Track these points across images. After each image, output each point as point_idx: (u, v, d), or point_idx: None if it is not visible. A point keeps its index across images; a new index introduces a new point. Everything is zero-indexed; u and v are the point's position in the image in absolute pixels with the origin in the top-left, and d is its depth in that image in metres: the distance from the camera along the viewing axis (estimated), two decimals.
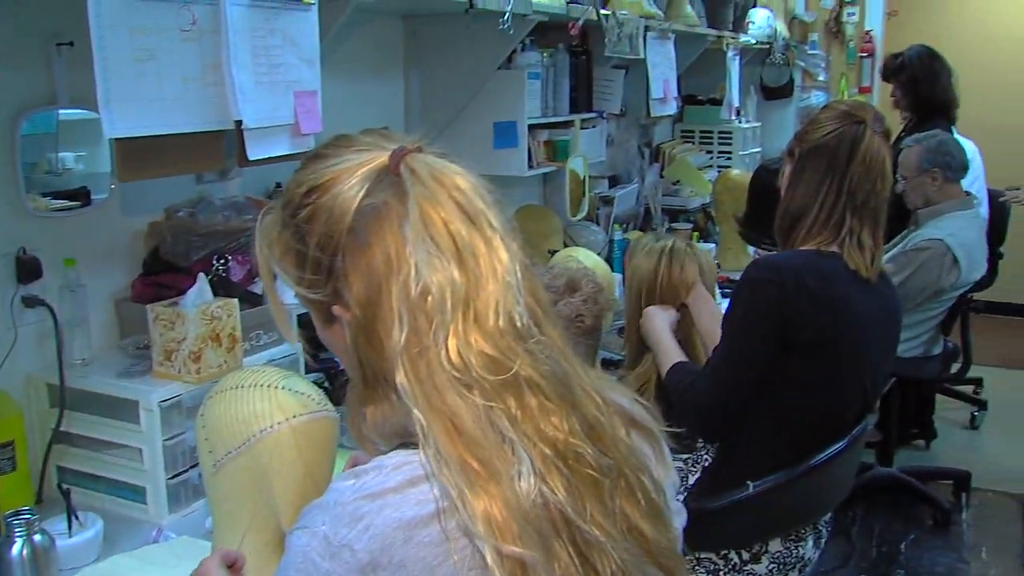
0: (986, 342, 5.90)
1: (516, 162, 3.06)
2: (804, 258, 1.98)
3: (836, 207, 1.99)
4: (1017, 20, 6.82)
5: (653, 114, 3.80)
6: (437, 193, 0.93)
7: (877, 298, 2.03)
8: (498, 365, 0.89)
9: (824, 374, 1.95)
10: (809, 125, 2.08)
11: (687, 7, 3.98)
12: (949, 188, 3.70)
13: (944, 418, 4.99)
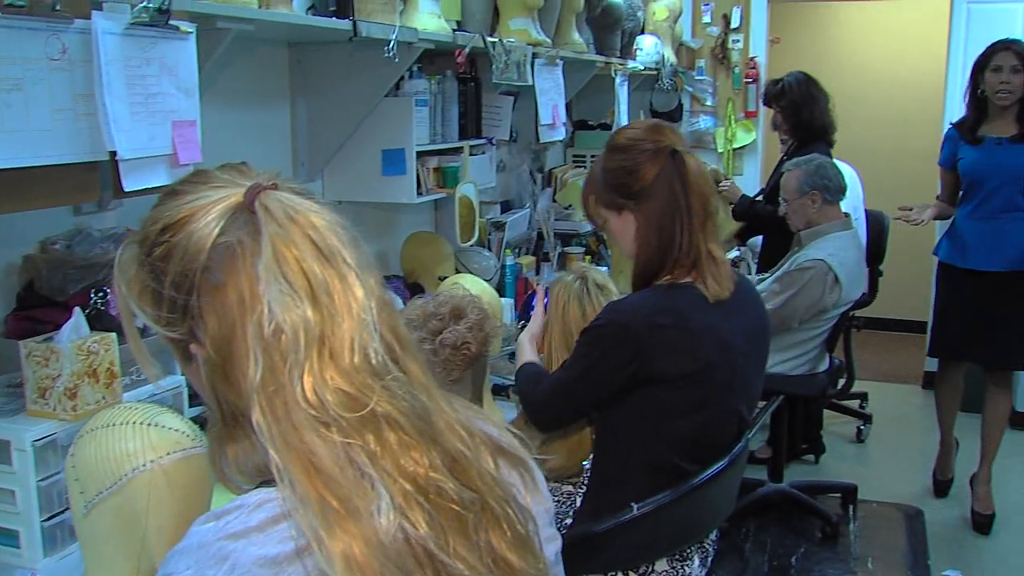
0: (870, 357, 6.13)
1: (405, 189, 3.07)
2: (657, 297, 2.00)
3: (690, 243, 2.01)
4: (891, 47, 7.11)
5: (542, 140, 3.85)
6: (291, 231, 0.93)
7: (740, 316, 2.07)
8: (355, 402, 0.89)
9: (697, 401, 2.00)
10: (627, 176, 2.04)
11: (575, 34, 4.05)
12: (829, 210, 3.83)
13: (832, 432, 5.14)
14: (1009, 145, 3.90)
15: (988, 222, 3.96)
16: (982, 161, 3.95)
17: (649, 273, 2.04)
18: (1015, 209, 3.92)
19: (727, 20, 6.04)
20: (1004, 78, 3.84)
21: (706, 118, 6.16)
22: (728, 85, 6.11)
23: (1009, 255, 3.93)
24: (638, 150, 2.04)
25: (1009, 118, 3.91)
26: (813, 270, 3.68)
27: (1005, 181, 3.92)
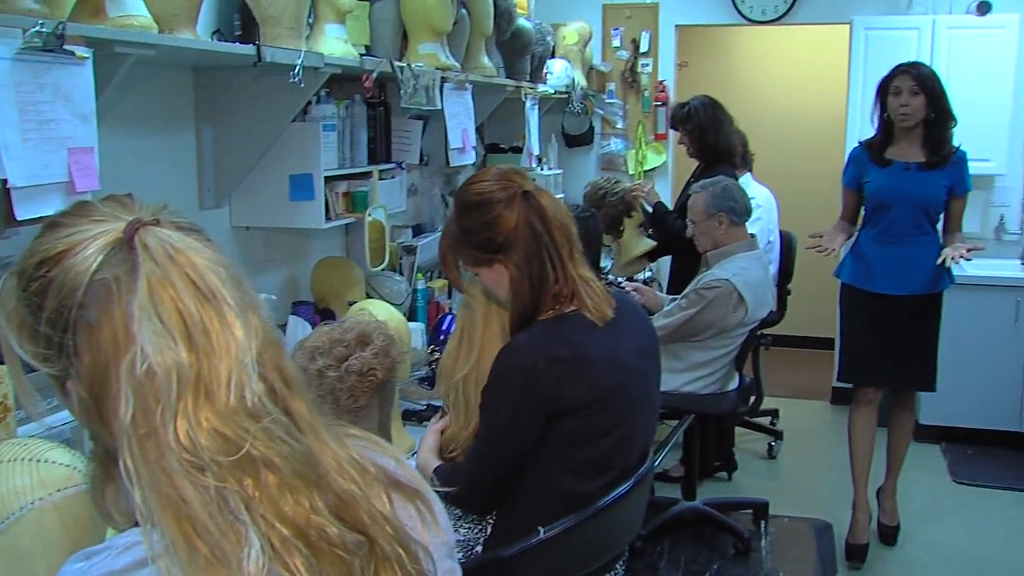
0: (780, 374, 6.24)
1: (313, 214, 3.04)
2: (548, 331, 2.01)
3: (564, 275, 2.03)
4: (796, 71, 7.31)
5: (452, 164, 3.86)
6: (168, 270, 0.92)
7: (629, 335, 2.10)
8: (231, 445, 0.88)
9: (601, 427, 2.02)
10: (488, 232, 2.03)
11: (484, 58, 4.08)
12: (735, 231, 3.91)
13: (744, 449, 5.23)
14: (917, 171, 3.91)
15: (896, 246, 3.96)
16: (890, 185, 3.95)
17: (527, 315, 2.04)
18: (922, 233, 3.94)
19: (636, 44, 6.14)
20: (903, 101, 3.88)
21: (617, 141, 6.26)
22: (638, 108, 6.21)
23: (917, 279, 3.94)
24: (492, 202, 2.03)
25: (916, 142, 3.94)
26: (718, 289, 3.75)
27: (913, 206, 3.93)
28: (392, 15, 3.43)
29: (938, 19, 5.51)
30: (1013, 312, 5.19)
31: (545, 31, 4.86)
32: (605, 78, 6.22)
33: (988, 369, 5.22)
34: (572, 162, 6.17)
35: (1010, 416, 5.24)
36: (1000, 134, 5.48)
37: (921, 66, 4.00)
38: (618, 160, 6.24)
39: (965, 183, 3.97)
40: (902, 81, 3.89)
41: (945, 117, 3.92)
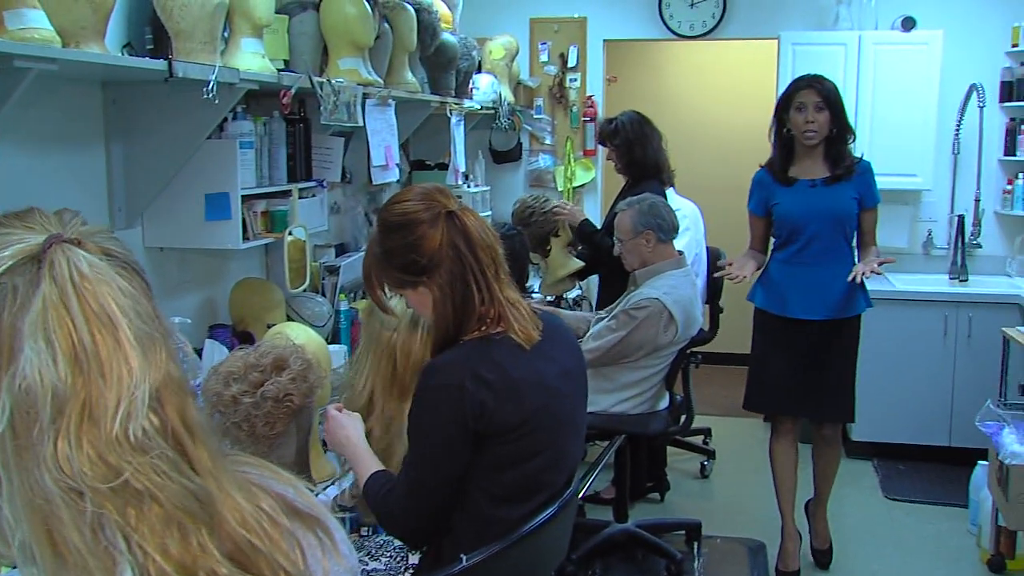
0: (713, 392, 6.33)
1: (230, 234, 3.02)
2: (475, 351, 2.00)
3: (489, 297, 2.02)
4: (725, 86, 7.44)
5: (375, 181, 3.86)
6: (67, 293, 0.92)
7: (556, 357, 2.11)
8: (112, 473, 0.88)
9: (527, 451, 2.02)
10: (411, 253, 2.02)
11: (408, 74, 4.09)
12: (662, 248, 3.96)
13: (677, 469, 5.28)
14: (823, 187, 3.87)
15: (808, 268, 3.91)
16: (798, 205, 3.90)
17: (450, 339, 2.03)
18: (836, 253, 3.90)
19: (564, 59, 6.20)
20: (809, 117, 3.81)
21: (545, 157, 6.30)
22: (566, 124, 6.26)
23: (831, 303, 3.89)
24: (415, 223, 2.02)
25: (818, 158, 3.89)
26: (648, 309, 3.79)
27: (824, 225, 3.88)
28: (312, 29, 3.43)
29: (864, 35, 5.66)
30: (941, 327, 5.33)
31: (471, 46, 4.88)
32: (533, 93, 6.27)
33: (918, 384, 5.35)
34: (500, 179, 6.21)
35: (940, 431, 5.36)
36: (926, 149, 5.64)
37: (824, 80, 3.91)
38: (547, 176, 6.29)
39: (874, 194, 3.95)
40: (807, 96, 3.83)
41: (845, 131, 3.90)
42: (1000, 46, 5.70)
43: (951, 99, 5.71)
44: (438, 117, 4.71)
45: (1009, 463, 3.73)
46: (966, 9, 5.75)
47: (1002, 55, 5.72)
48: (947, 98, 5.69)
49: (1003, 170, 5.81)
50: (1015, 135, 5.65)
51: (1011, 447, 3.75)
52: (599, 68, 6.26)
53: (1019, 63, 5.66)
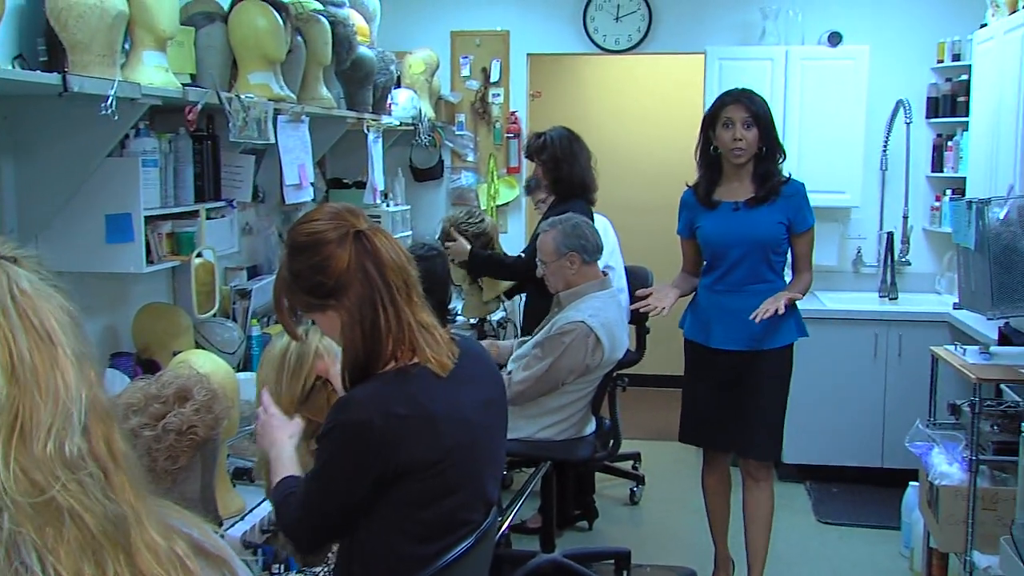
0: (642, 416, 6.37)
1: (133, 257, 2.96)
2: (389, 385, 1.99)
3: (399, 321, 2.01)
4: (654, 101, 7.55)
5: (288, 201, 3.83)
6: (8, 307, 0.95)
7: (474, 385, 2.11)
8: (36, 488, 0.90)
9: (444, 488, 2.01)
10: (318, 275, 2.00)
11: (322, 89, 4.06)
12: (587, 270, 3.97)
13: (605, 496, 5.30)
14: (747, 209, 3.77)
15: (731, 296, 3.82)
16: (720, 229, 3.81)
17: (362, 365, 2.01)
18: (762, 280, 3.80)
19: (487, 74, 6.23)
20: (737, 134, 3.71)
21: (468, 174, 6.32)
22: (489, 140, 6.28)
23: (754, 332, 3.76)
24: (322, 243, 2.00)
25: (745, 179, 3.79)
26: (574, 332, 3.80)
27: (747, 250, 3.78)
28: (220, 42, 3.39)
29: (791, 50, 5.79)
30: (872, 346, 5.44)
31: (388, 60, 4.87)
32: (454, 109, 6.28)
33: (849, 405, 5.45)
34: (421, 197, 6.20)
35: (872, 452, 5.47)
36: (854, 165, 5.77)
37: (753, 95, 3.82)
38: (469, 195, 6.30)
39: (805, 217, 3.82)
40: (734, 112, 3.73)
41: (775, 150, 3.82)
42: (926, 62, 5.87)
43: (878, 115, 5.87)
44: (355, 134, 4.69)
45: (938, 484, 3.81)
46: (892, 25, 5.91)
47: (928, 71, 5.89)
48: (874, 114, 5.84)
49: (931, 186, 5.97)
50: (942, 151, 5.82)
51: (940, 468, 3.83)
52: (522, 83, 6.30)
53: (945, 79, 5.82)
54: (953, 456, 3.84)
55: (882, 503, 5.12)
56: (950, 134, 5.77)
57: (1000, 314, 3.81)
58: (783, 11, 5.87)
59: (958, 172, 5.59)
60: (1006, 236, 3.71)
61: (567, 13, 6.17)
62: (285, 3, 3.61)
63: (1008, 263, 3.71)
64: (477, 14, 6.23)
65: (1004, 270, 3.71)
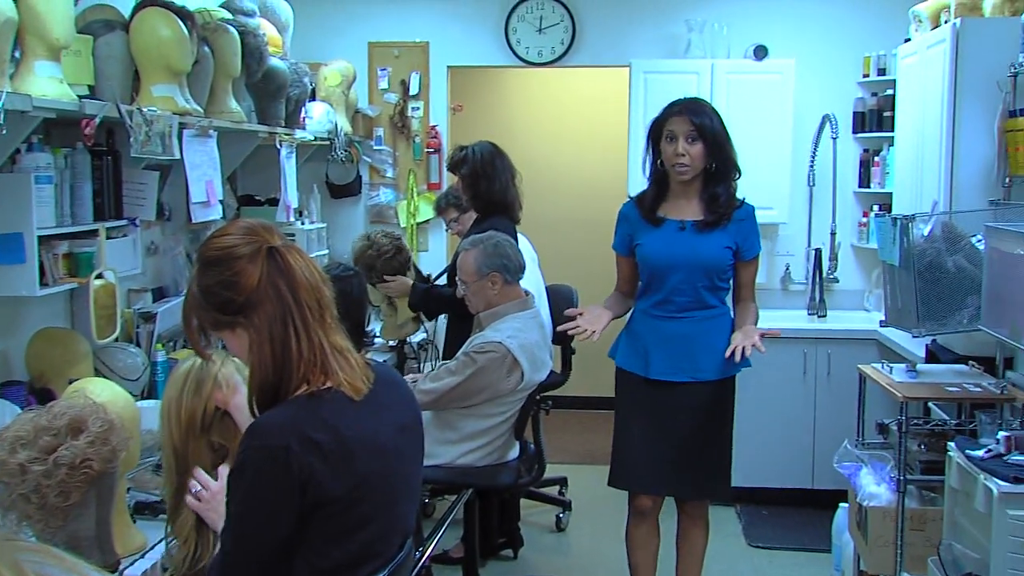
0: (569, 439, 6.38)
1: (25, 280, 2.90)
2: (303, 409, 1.96)
3: (311, 344, 1.98)
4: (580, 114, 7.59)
5: (195, 219, 3.77)
6: None
7: (389, 410, 2.09)
8: None
9: (360, 519, 1.98)
10: (227, 290, 1.97)
11: (231, 102, 4.02)
12: (509, 290, 3.97)
13: (531, 523, 5.29)
14: (693, 232, 3.61)
15: (675, 323, 3.64)
16: (663, 248, 3.62)
17: (271, 388, 1.98)
18: (705, 307, 3.64)
19: (406, 87, 6.22)
20: (679, 149, 3.54)
21: (387, 191, 6.30)
22: (409, 155, 6.27)
23: (701, 363, 3.63)
24: (233, 258, 1.98)
25: (692, 198, 3.64)
26: (489, 353, 3.79)
27: (691, 274, 3.61)
28: (120, 52, 3.33)
29: (717, 63, 5.87)
30: (801, 364, 5.51)
31: (302, 72, 4.84)
32: (372, 123, 6.26)
33: (779, 424, 5.51)
34: (337, 215, 6.16)
35: (803, 473, 5.54)
36: (781, 181, 5.86)
37: (700, 104, 3.67)
38: (388, 212, 6.28)
39: (753, 244, 3.70)
40: (678, 124, 3.56)
41: (728, 168, 3.64)
42: (852, 76, 5.99)
43: (805, 130, 5.97)
44: (267, 149, 4.64)
45: (867, 505, 3.86)
46: (818, 39, 6.03)
47: (854, 85, 6.01)
48: (801, 129, 5.95)
49: (858, 202, 6.08)
50: (869, 166, 5.93)
51: (868, 488, 3.88)
52: (443, 96, 6.30)
53: (871, 93, 5.95)
54: (881, 476, 3.89)
55: (813, 525, 5.18)
56: (876, 149, 5.89)
57: (926, 331, 3.89)
58: (708, 24, 5.95)
59: (885, 188, 5.71)
60: (931, 253, 3.79)
61: (489, 25, 6.19)
62: (191, 12, 3.57)
63: (933, 280, 3.79)
64: (396, 25, 6.22)
65: (929, 287, 3.79)
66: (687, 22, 5.97)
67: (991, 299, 3.50)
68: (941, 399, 3.85)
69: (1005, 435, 3.25)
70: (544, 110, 7.71)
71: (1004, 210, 3.93)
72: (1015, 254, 3.23)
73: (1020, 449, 3.22)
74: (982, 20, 4.43)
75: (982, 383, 3.81)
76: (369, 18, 6.21)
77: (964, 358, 4.13)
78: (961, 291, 3.80)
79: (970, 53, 4.31)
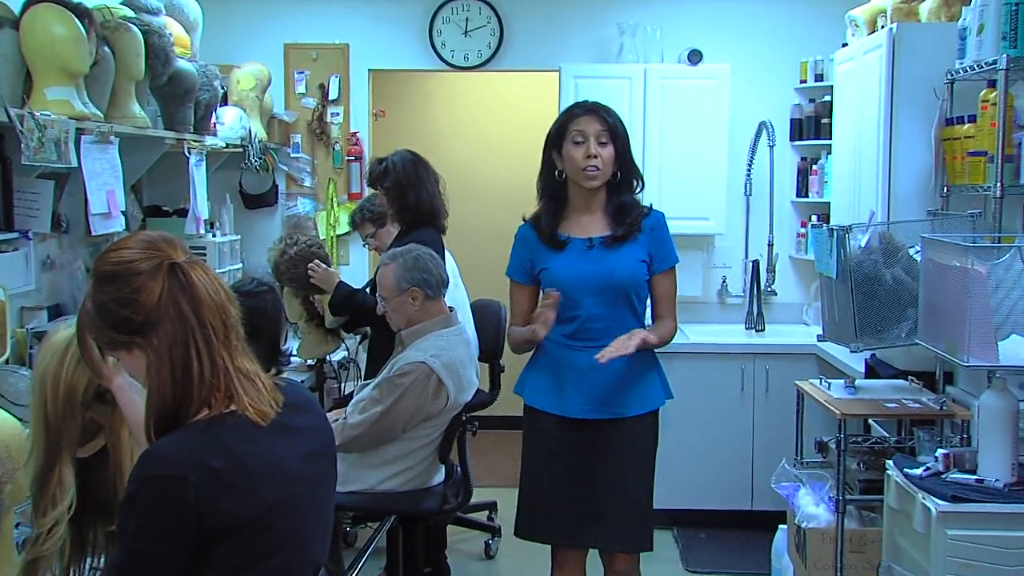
0: (498, 461, 6.36)
1: None
2: (201, 435, 1.91)
3: (214, 366, 1.94)
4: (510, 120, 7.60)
5: (95, 232, 3.70)
6: None
7: (299, 436, 2.06)
8: None
9: (265, 550, 1.95)
10: (124, 308, 1.92)
11: (134, 106, 3.95)
12: (431, 306, 3.94)
13: (458, 551, 5.26)
14: (602, 248, 3.41)
15: (588, 352, 3.32)
16: (570, 272, 3.41)
17: (170, 412, 1.93)
18: (621, 332, 3.33)
19: (324, 91, 6.19)
20: (591, 150, 3.34)
21: (305, 201, 6.26)
22: (328, 164, 6.23)
23: (620, 397, 3.43)
24: (132, 274, 1.94)
25: (597, 211, 3.45)
26: (414, 374, 3.77)
27: (606, 296, 3.40)
28: (10, 51, 3.27)
29: (650, 68, 5.91)
30: (739, 380, 5.56)
31: (212, 74, 4.78)
32: (289, 129, 6.22)
33: (716, 443, 5.55)
34: (252, 226, 6.09)
35: (741, 494, 5.58)
36: (717, 190, 5.91)
37: (607, 107, 3.49)
38: (307, 223, 6.23)
39: (668, 254, 3.50)
40: (588, 125, 3.38)
41: (631, 177, 3.49)
42: (789, 82, 6.08)
43: (741, 137, 6.04)
44: (175, 156, 4.59)
45: (806, 526, 3.89)
46: (754, 43, 6.10)
47: (791, 91, 6.09)
48: (737, 136, 6.02)
49: (796, 212, 6.16)
50: (807, 175, 6.01)
51: (807, 509, 3.92)
52: (364, 101, 6.27)
53: (808, 100, 6.03)
54: (820, 496, 3.93)
55: (752, 548, 5.21)
56: (815, 157, 5.97)
57: (864, 346, 3.94)
58: (641, 27, 5.99)
59: (823, 197, 5.79)
60: (868, 265, 3.84)
61: (412, 26, 6.18)
62: (88, 9, 3.50)
63: (871, 292, 3.84)
64: (314, 26, 6.18)
65: (867, 300, 3.84)
66: (619, 25, 6.01)
67: (928, 312, 3.55)
68: (880, 415, 3.89)
69: (944, 452, 3.30)
70: (471, 116, 7.72)
71: (942, 220, 4.00)
72: (951, 266, 3.28)
73: (959, 467, 3.27)
74: (918, 25, 4.51)
75: (921, 399, 3.87)
76: (285, 18, 6.16)
77: (904, 373, 4.19)
78: (899, 304, 3.86)
79: (906, 59, 4.39)
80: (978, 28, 3.71)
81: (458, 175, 5.83)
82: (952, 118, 4.01)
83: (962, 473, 3.22)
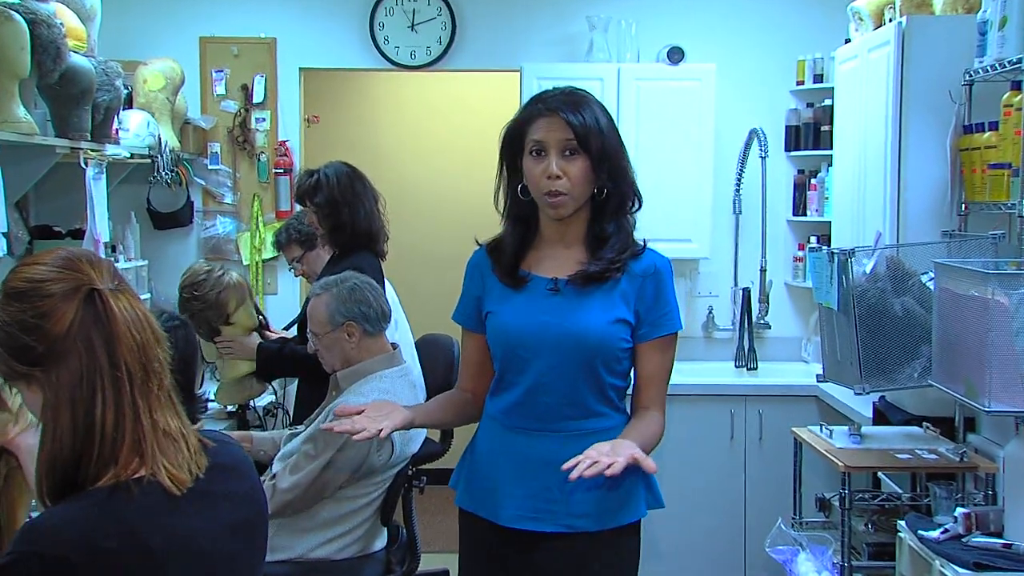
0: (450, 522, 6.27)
1: None
2: (99, 506, 1.86)
3: (122, 417, 1.88)
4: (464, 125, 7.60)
5: None
6: None
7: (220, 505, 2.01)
8: None
9: None
10: (28, 334, 1.87)
11: (18, 109, 3.90)
12: (370, 343, 3.89)
13: None
14: (571, 294, 2.76)
15: (536, 438, 2.78)
16: (522, 319, 2.80)
17: (65, 468, 1.87)
18: (582, 414, 2.77)
19: (248, 92, 6.15)
20: (552, 168, 2.69)
21: (225, 220, 6.21)
22: (253, 177, 6.19)
23: (571, 504, 2.72)
24: (41, 295, 1.89)
25: (573, 242, 2.81)
26: None
27: (563, 360, 2.74)
28: None
29: (624, 67, 5.93)
30: (728, 426, 5.53)
31: (114, 72, 4.72)
32: (206, 137, 6.18)
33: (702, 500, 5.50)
34: (163, 250, 6.03)
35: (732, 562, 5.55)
36: (702, 208, 5.91)
37: (580, 96, 2.79)
38: (227, 246, 6.19)
39: (663, 317, 2.80)
40: (547, 130, 2.72)
41: (624, 194, 2.81)
42: (784, 84, 6.10)
43: (729, 147, 6.05)
44: (69, 168, 4.52)
45: None
46: (743, 40, 6.13)
47: (786, 94, 6.11)
48: (725, 146, 6.03)
49: (793, 233, 6.18)
50: (805, 190, 6.01)
51: None
52: (295, 105, 6.26)
53: (806, 104, 6.05)
54: (822, 563, 3.91)
55: None
56: (813, 170, 5.99)
57: (871, 388, 3.92)
58: (615, 22, 6.00)
59: (823, 216, 5.80)
60: (873, 294, 3.83)
61: (350, 19, 6.16)
62: None
63: (877, 326, 3.83)
64: (234, 17, 6.17)
65: (873, 335, 3.83)
66: (589, 19, 6.01)
67: (943, 349, 3.53)
68: (890, 468, 3.88)
69: (964, 512, 3.28)
70: (418, 123, 7.71)
71: (959, 243, 3.99)
72: (970, 296, 3.27)
73: (983, 528, 3.25)
74: (932, 18, 4.52)
75: (938, 449, 3.86)
76: (201, 7, 6.14)
77: (917, 419, 4.18)
78: (910, 339, 3.85)
79: (918, 57, 4.39)
80: (1000, 21, 3.72)
81: (403, 191, 5.80)
82: (970, 125, 4.02)
83: (986, 536, 3.21)
